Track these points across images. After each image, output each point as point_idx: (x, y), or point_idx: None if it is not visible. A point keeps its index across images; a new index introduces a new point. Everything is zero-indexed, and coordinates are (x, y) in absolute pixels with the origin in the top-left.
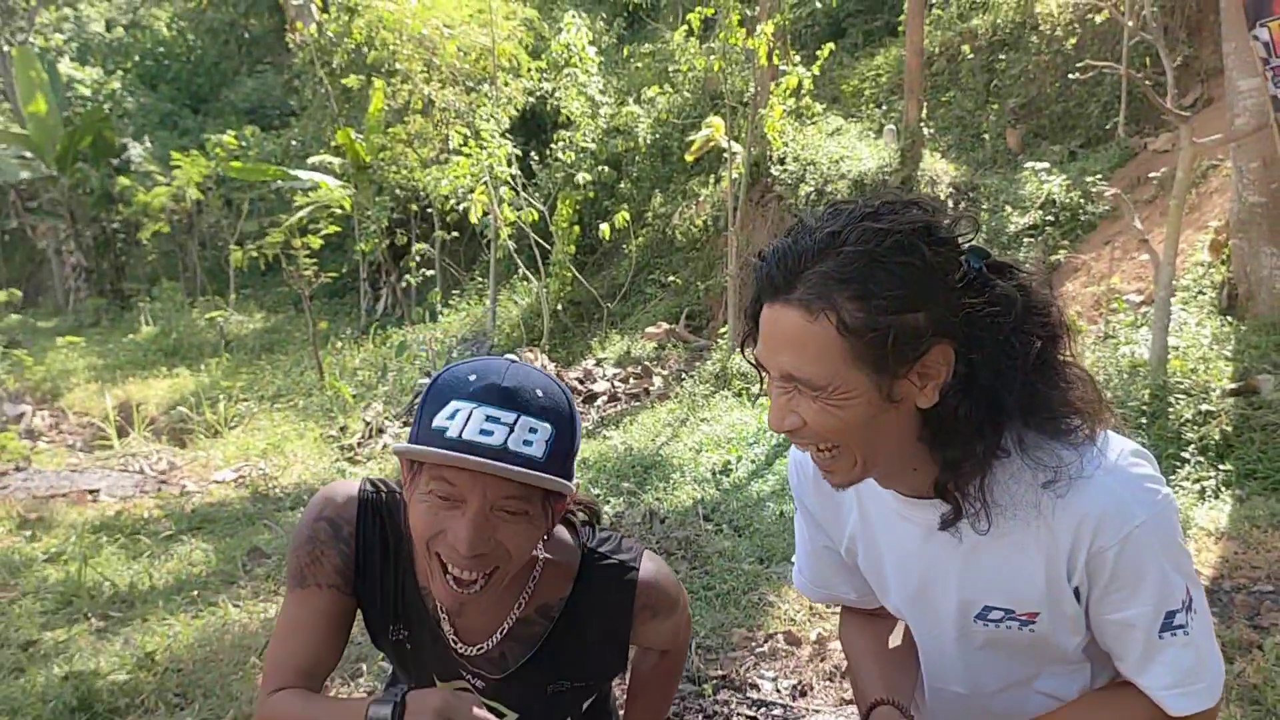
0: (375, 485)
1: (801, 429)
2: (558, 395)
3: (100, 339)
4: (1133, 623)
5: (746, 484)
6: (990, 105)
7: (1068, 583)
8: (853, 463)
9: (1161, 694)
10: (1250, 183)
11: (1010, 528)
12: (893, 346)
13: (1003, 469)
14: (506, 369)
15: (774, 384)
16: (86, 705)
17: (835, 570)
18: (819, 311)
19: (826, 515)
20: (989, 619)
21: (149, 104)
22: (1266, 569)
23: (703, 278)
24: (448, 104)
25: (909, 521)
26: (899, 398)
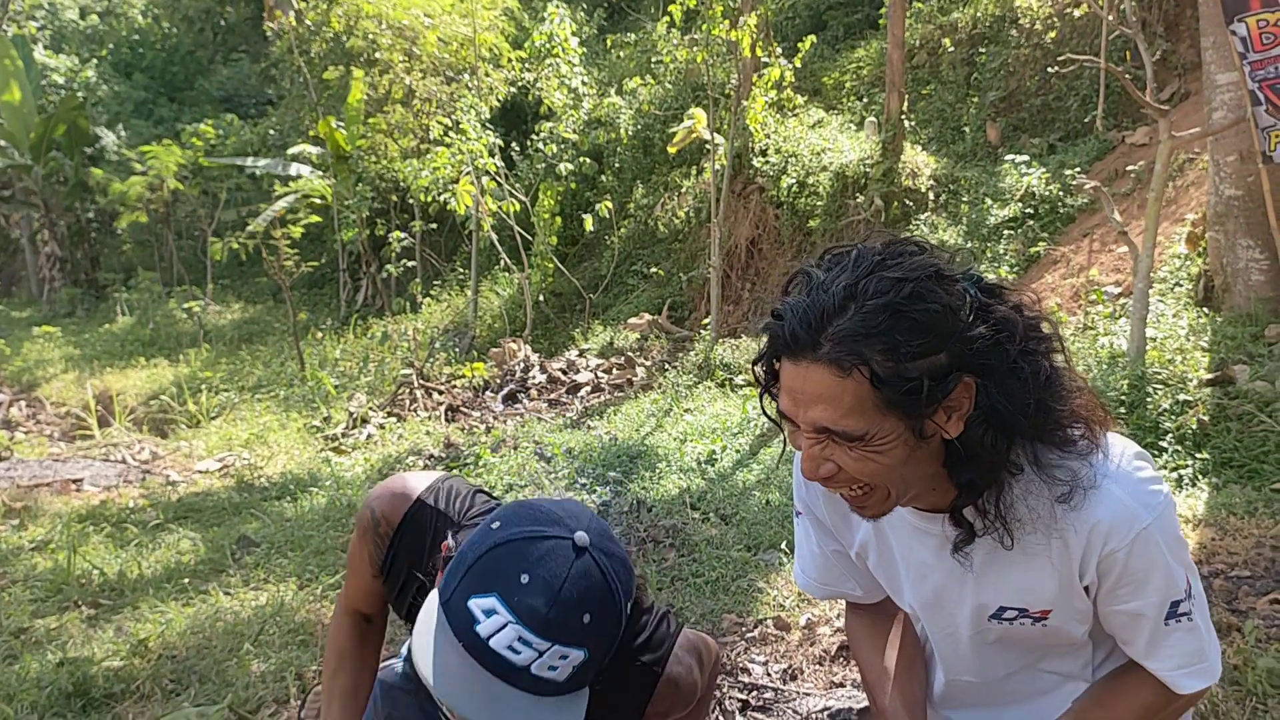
0: (436, 499)
1: (837, 475)
2: (608, 613)
3: (76, 329)
4: (1141, 613)
5: (732, 473)
6: (970, 98)
7: (1079, 581)
8: (884, 497)
9: (1169, 675)
10: (1227, 176)
11: (1024, 538)
12: (922, 390)
13: (1017, 485)
14: (564, 580)
15: (805, 435)
16: (82, 691)
17: (843, 571)
18: (851, 368)
19: (838, 522)
20: (1003, 618)
21: (124, 92)
22: (1243, 555)
23: (685, 269)
24: (429, 94)
25: (925, 534)
26: (929, 435)
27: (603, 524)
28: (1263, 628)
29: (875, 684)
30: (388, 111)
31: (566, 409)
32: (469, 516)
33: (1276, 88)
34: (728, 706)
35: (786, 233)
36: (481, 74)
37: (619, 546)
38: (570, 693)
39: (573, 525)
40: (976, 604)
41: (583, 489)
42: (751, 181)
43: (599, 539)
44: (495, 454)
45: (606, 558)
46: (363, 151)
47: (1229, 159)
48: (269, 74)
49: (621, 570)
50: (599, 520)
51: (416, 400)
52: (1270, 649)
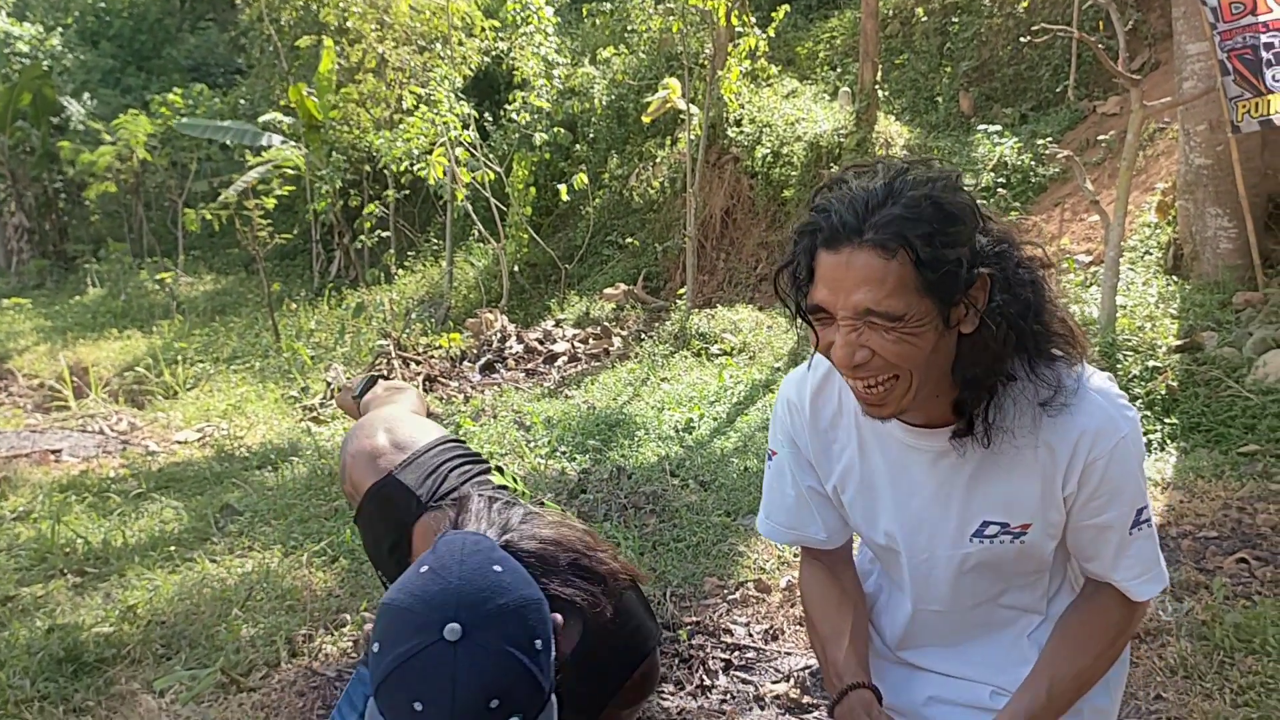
0: (409, 473)
1: (870, 361)
2: (516, 684)
3: (46, 301)
4: (1110, 524)
5: (710, 441)
6: (944, 68)
7: (1060, 491)
8: (906, 389)
9: (1131, 584)
10: (1197, 145)
11: (1012, 447)
12: (954, 277)
13: (1009, 392)
14: (453, 689)
15: (843, 322)
16: (74, 657)
17: (810, 511)
18: (895, 250)
19: (819, 453)
20: (985, 534)
21: (90, 61)
22: (1210, 516)
23: (660, 239)
24: (401, 63)
25: (916, 450)
26: (953, 325)
27: (482, 581)
28: (1229, 585)
29: (829, 638)
30: (359, 81)
31: (544, 379)
32: (438, 498)
33: (1245, 58)
34: (711, 666)
35: (761, 203)
36: (454, 43)
37: (506, 590)
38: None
39: (440, 617)
40: (961, 520)
41: (563, 457)
42: (726, 152)
43: (473, 614)
44: (476, 423)
45: (490, 629)
46: (335, 121)
47: (1199, 128)
48: (238, 43)
49: (513, 625)
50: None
51: (394, 370)
52: (1237, 605)
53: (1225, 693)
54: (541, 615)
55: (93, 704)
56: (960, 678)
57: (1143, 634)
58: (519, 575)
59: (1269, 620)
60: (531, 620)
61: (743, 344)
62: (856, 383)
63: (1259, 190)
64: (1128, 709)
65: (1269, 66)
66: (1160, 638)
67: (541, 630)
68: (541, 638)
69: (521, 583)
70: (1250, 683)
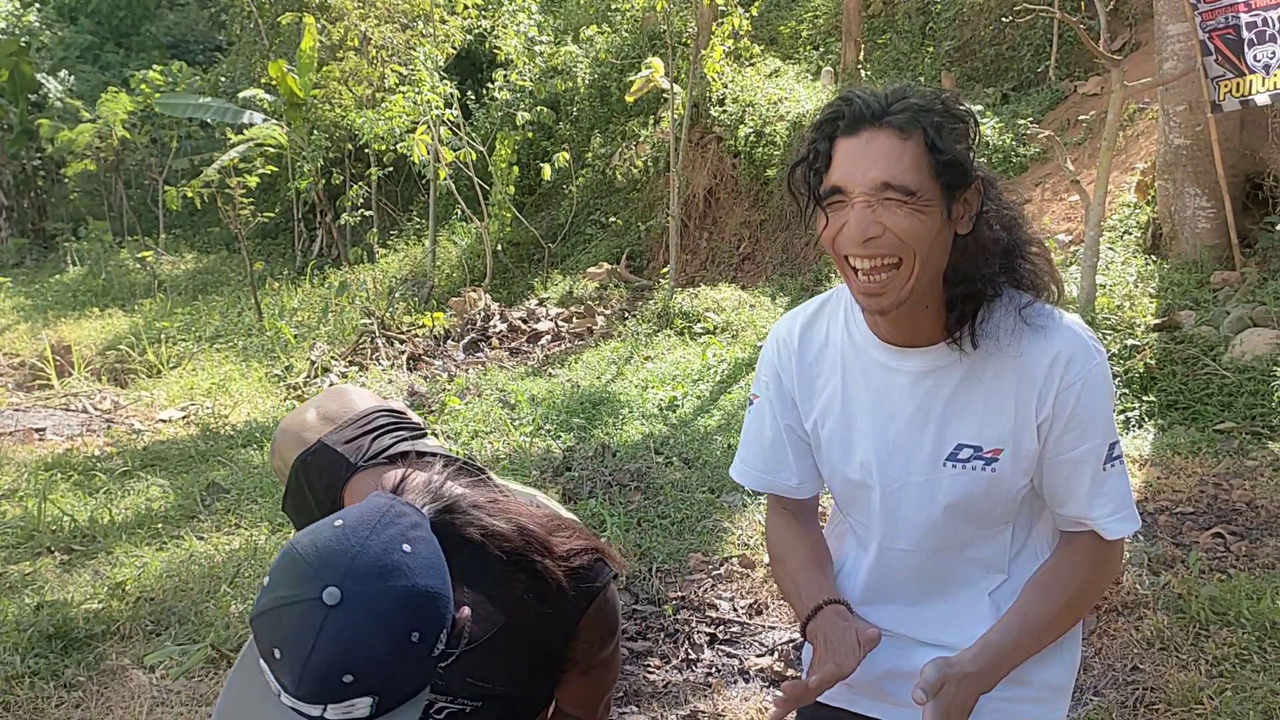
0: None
1: (881, 236)
2: (374, 665)
3: (26, 280)
4: (1084, 458)
5: (693, 419)
6: (926, 48)
7: (1035, 416)
8: (907, 278)
9: (1106, 522)
10: (1176, 125)
11: (992, 365)
12: (960, 168)
13: (992, 309)
14: (310, 651)
15: (858, 198)
16: (63, 633)
17: (786, 455)
18: (911, 132)
19: (803, 388)
20: (958, 458)
21: (68, 38)
22: (1187, 492)
23: (643, 218)
24: (384, 41)
25: (898, 373)
26: (954, 218)
27: (383, 557)
28: (1205, 559)
29: (797, 569)
30: (341, 59)
31: (528, 357)
32: (369, 458)
33: (1226, 38)
34: (696, 640)
35: (744, 182)
36: (437, 20)
37: (403, 574)
38: (397, 709)
39: (326, 577)
40: (936, 443)
41: (548, 435)
42: (709, 131)
43: (358, 584)
44: (461, 401)
45: (369, 604)
46: (317, 100)
47: (1179, 109)
48: (218, 19)
49: (393, 610)
50: (382, 551)
51: (378, 349)
52: (1213, 579)
53: (1201, 664)
54: (432, 610)
55: (83, 680)
56: (918, 641)
57: (1120, 607)
58: (428, 563)
59: (1243, 593)
60: (417, 611)
61: (726, 323)
62: (862, 262)
63: (1237, 170)
64: (1105, 680)
65: (1250, 46)
66: (1137, 610)
67: (426, 624)
68: (421, 631)
69: (425, 571)
70: (1225, 654)
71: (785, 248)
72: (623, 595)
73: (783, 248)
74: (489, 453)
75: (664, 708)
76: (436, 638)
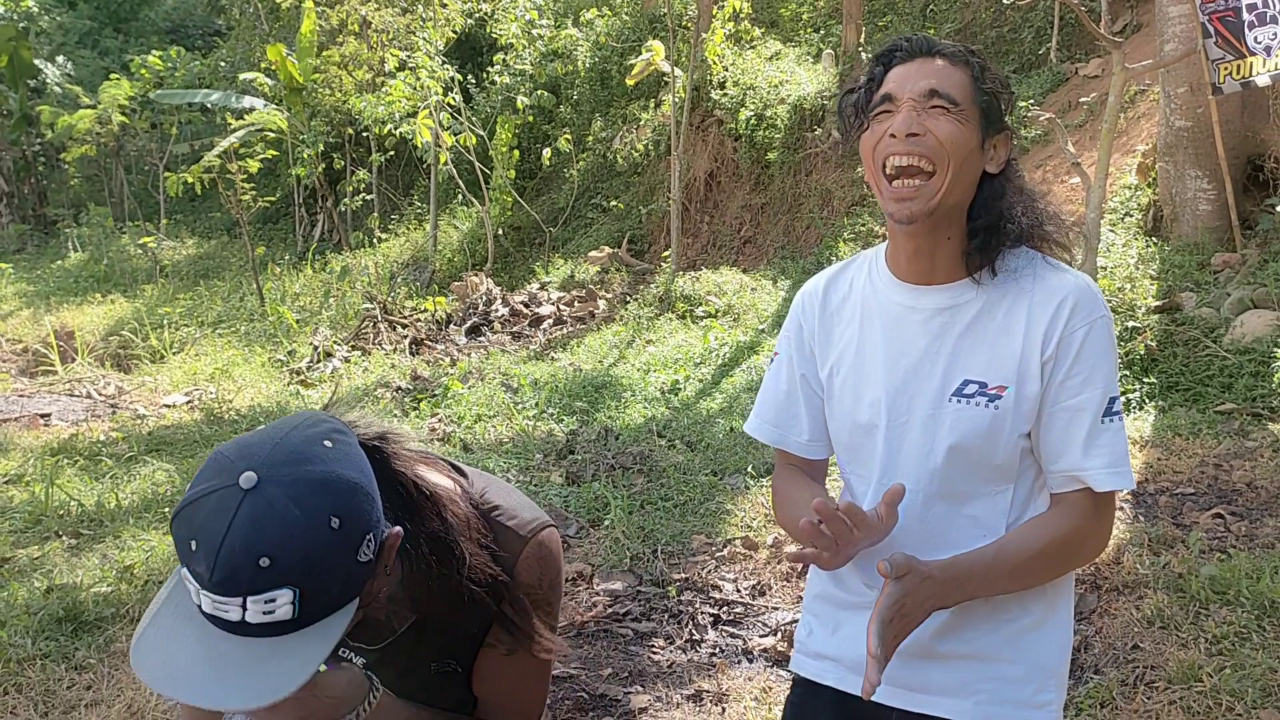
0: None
1: (923, 136)
2: (291, 545)
3: (28, 266)
4: (1083, 406)
5: (695, 402)
6: (927, 30)
7: (1039, 355)
8: (937, 189)
9: (1099, 473)
10: (1177, 107)
11: (1005, 306)
12: (997, 107)
13: (1008, 253)
14: (224, 537)
15: (905, 103)
16: (73, 616)
17: (799, 407)
18: (959, 62)
19: (822, 336)
20: (964, 393)
21: (67, 23)
22: (1187, 473)
23: (644, 202)
24: (384, 25)
25: (914, 310)
26: (986, 150)
27: (304, 447)
28: (1205, 540)
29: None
30: (341, 44)
31: (530, 341)
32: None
33: (1226, 20)
34: (700, 621)
35: (745, 165)
36: (437, 4)
37: (323, 461)
38: (322, 619)
39: (243, 465)
40: (944, 377)
41: (550, 418)
42: (710, 114)
43: (275, 469)
44: (464, 385)
45: (284, 487)
46: (316, 84)
47: (1179, 90)
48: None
49: (304, 489)
50: (303, 443)
51: (380, 333)
52: (1212, 559)
53: (1200, 642)
54: (354, 499)
55: (94, 661)
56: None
57: (1121, 586)
58: (350, 459)
59: (1243, 572)
60: (338, 495)
61: (727, 306)
62: (900, 159)
63: (1238, 152)
64: (1106, 658)
65: (1250, 29)
66: (1138, 590)
67: (347, 512)
68: (342, 518)
69: (346, 464)
70: (1224, 632)
71: (786, 231)
72: (626, 577)
73: (784, 231)
74: (492, 436)
75: (669, 688)
76: (361, 536)
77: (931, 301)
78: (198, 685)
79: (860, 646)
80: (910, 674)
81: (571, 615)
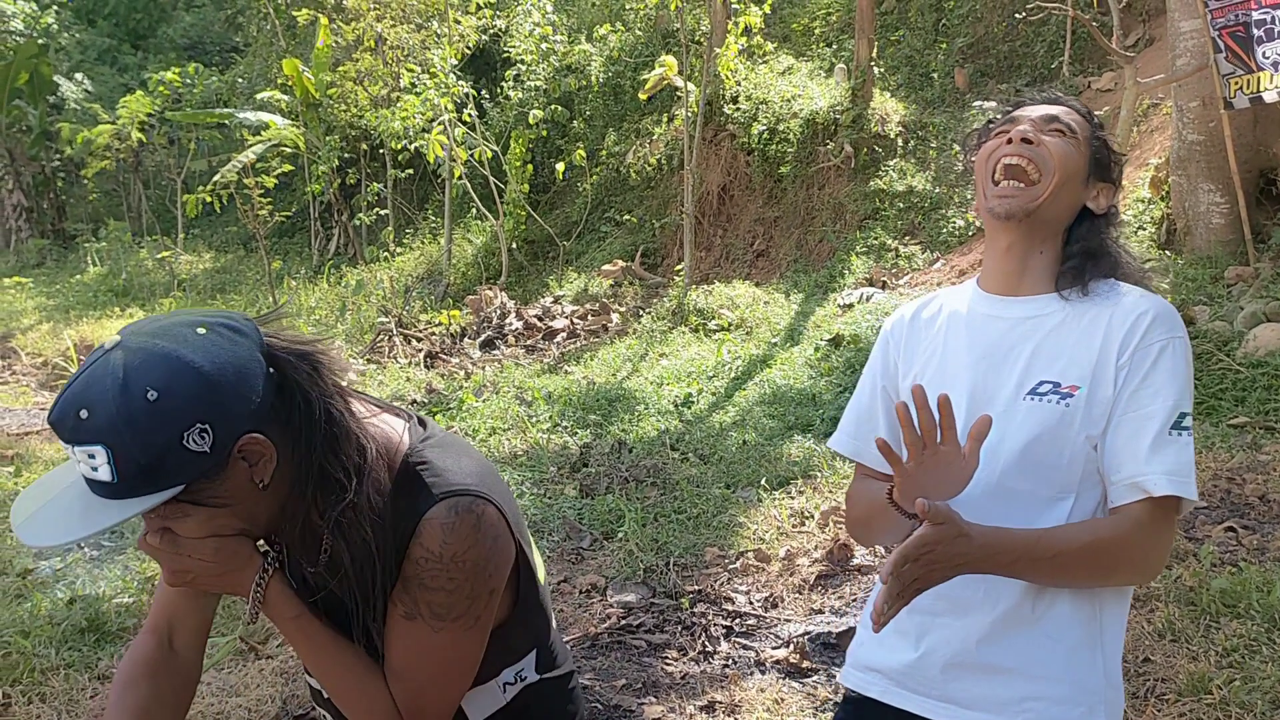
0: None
1: (1037, 146)
2: (106, 404)
3: (47, 280)
4: (1152, 415)
5: (708, 415)
6: (939, 45)
7: (1115, 360)
8: (1037, 195)
9: (1159, 477)
10: (1190, 121)
11: (1087, 317)
12: (1105, 159)
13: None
14: (70, 386)
15: (1027, 122)
16: (95, 626)
17: (878, 415)
18: (1080, 113)
19: (907, 350)
20: (1038, 392)
21: (86, 40)
22: (1200, 487)
23: (657, 216)
24: (399, 42)
25: (998, 319)
26: (1090, 187)
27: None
28: (1217, 553)
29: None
30: (357, 59)
31: (543, 354)
32: None
33: (1236, 35)
34: (713, 633)
35: (758, 179)
36: (451, 20)
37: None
38: (136, 494)
39: (122, 332)
40: (1022, 377)
41: (564, 431)
42: (723, 128)
43: (134, 338)
44: (478, 399)
45: (128, 353)
46: (332, 99)
47: (1192, 104)
48: (234, 21)
49: (141, 359)
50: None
51: (395, 347)
52: (1224, 572)
53: (1210, 654)
54: (187, 382)
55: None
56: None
57: (1132, 599)
58: (211, 352)
59: (1253, 585)
60: (168, 373)
61: (740, 319)
62: (1011, 159)
63: (1250, 166)
64: None
65: (1260, 44)
66: (1149, 603)
67: (170, 391)
68: (163, 394)
69: (203, 354)
70: (1234, 645)
71: (799, 244)
72: (640, 589)
73: (796, 244)
74: (507, 449)
75: (681, 698)
76: (186, 421)
77: (1017, 311)
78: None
79: (903, 657)
80: (955, 687)
81: (585, 627)
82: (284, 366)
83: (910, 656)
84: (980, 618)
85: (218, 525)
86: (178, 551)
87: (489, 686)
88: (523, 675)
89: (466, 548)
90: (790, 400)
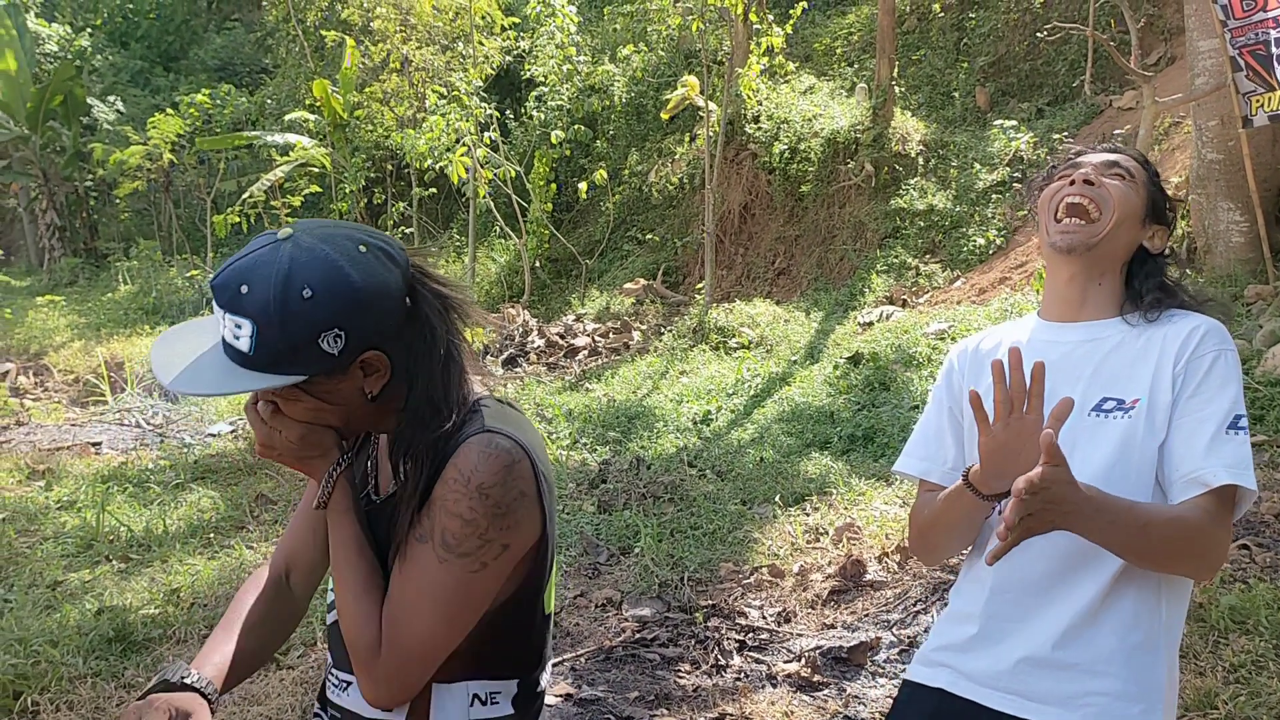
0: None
1: (1099, 187)
2: (265, 286)
3: (79, 298)
4: (1209, 418)
5: (726, 432)
6: (960, 64)
7: (1171, 367)
8: (1097, 232)
9: (1218, 468)
10: (1209, 140)
11: (1144, 338)
12: (1162, 204)
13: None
14: (237, 260)
15: (1090, 167)
16: (123, 636)
17: (945, 436)
18: (1133, 158)
19: (972, 374)
20: (1102, 409)
21: (119, 62)
22: None
23: (679, 235)
24: (424, 63)
25: (1057, 344)
26: (1147, 228)
27: (338, 232)
28: (1228, 570)
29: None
30: (383, 80)
31: (565, 372)
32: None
33: (1256, 54)
34: (726, 646)
35: (779, 198)
36: (476, 42)
37: (342, 253)
38: (265, 370)
39: (295, 227)
40: (1083, 395)
41: (584, 448)
42: (744, 148)
43: (305, 236)
44: None
45: (297, 248)
46: (358, 120)
47: (1211, 123)
48: (264, 43)
49: (306, 258)
50: (343, 230)
51: None
52: (1234, 589)
53: (1217, 670)
54: (341, 290)
55: (141, 680)
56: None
57: None
58: (367, 271)
59: (1262, 602)
60: (327, 279)
61: (760, 337)
62: (1072, 198)
63: (1270, 184)
64: None
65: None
66: None
67: (325, 295)
68: (316, 294)
69: (360, 270)
70: (1242, 661)
71: (820, 263)
72: (655, 603)
73: (817, 263)
74: None
75: (693, 711)
76: (328, 322)
77: (1075, 335)
78: (169, 362)
79: (979, 653)
80: (1021, 680)
81: (600, 640)
82: (420, 299)
83: (986, 655)
84: (1056, 618)
85: (319, 416)
86: (274, 425)
87: (458, 689)
88: (495, 700)
89: (494, 483)
90: (809, 418)
